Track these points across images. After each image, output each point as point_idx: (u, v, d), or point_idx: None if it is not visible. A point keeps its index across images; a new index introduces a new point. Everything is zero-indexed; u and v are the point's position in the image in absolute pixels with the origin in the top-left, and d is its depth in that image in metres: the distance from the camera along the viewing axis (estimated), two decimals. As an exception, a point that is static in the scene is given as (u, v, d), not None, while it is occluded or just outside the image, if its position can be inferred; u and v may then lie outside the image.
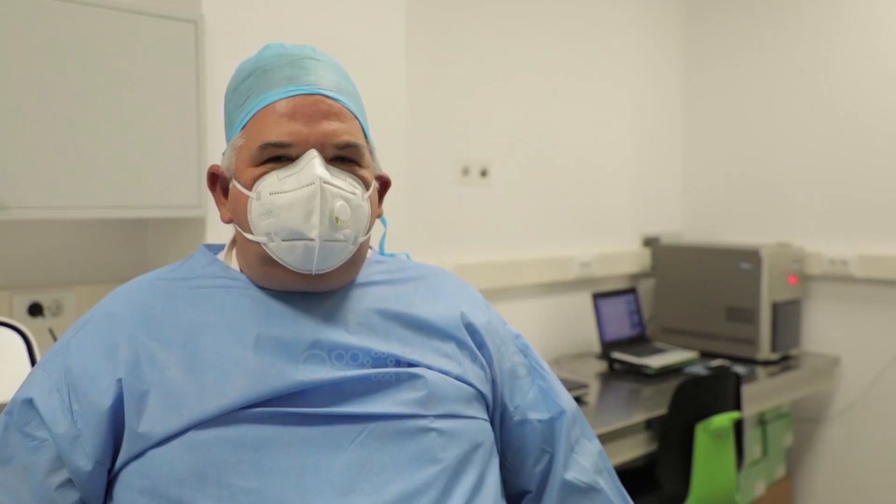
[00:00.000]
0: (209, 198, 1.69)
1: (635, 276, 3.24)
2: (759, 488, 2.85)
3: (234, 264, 0.94)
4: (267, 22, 1.74)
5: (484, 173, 2.66)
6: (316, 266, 0.86)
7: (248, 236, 0.87)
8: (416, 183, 2.36)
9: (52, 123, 1.48)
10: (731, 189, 3.26)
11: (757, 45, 3.15)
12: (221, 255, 0.97)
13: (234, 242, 0.97)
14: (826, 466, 3.00)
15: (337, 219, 0.86)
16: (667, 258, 3.11)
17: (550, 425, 0.98)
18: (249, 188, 0.87)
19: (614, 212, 3.15)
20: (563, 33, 2.88)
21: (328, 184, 0.85)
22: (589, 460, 0.99)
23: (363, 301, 0.91)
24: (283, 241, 0.85)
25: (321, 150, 0.87)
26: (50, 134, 1.47)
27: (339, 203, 0.86)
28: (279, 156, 0.86)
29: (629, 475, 2.44)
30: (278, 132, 0.86)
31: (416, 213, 2.34)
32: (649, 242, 3.25)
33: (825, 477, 3.01)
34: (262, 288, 0.89)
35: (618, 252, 3.12)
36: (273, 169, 0.86)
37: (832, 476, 2.99)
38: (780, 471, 3.00)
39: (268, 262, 0.87)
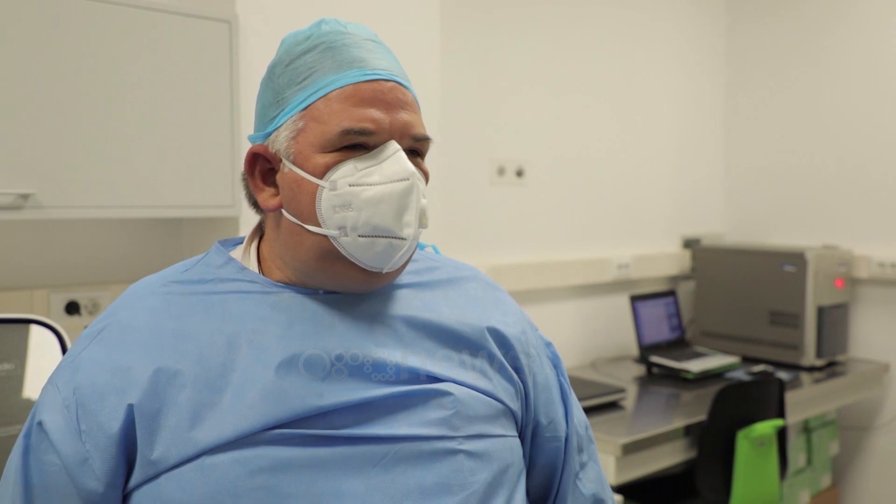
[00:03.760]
0: (242, 197, 1.69)
1: (674, 279, 3.18)
2: (804, 498, 2.77)
3: (252, 262, 0.88)
4: (301, 21, 1.73)
5: (520, 173, 2.62)
6: (392, 265, 0.81)
7: (313, 229, 0.80)
8: (450, 182, 2.34)
9: (88, 123, 1.49)
10: (775, 189, 3.17)
11: (801, 42, 3.06)
12: (238, 252, 0.90)
13: (255, 235, 0.91)
14: (873, 476, 2.91)
15: (424, 217, 0.82)
16: (707, 260, 3.04)
17: (569, 442, 0.95)
18: (319, 176, 0.79)
19: (653, 212, 3.09)
20: (603, 33, 2.84)
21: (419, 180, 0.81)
22: (596, 477, 0.98)
23: (390, 307, 0.86)
24: (362, 236, 0.78)
25: (399, 141, 0.81)
26: (85, 134, 1.48)
27: (424, 201, 0.82)
28: (357, 143, 0.79)
29: (667, 482, 2.39)
30: (359, 118, 0.79)
31: (450, 214, 2.32)
32: (689, 244, 3.18)
33: (872, 487, 2.91)
34: (282, 290, 0.83)
35: (657, 254, 3.06)
36: (348, 157, 0.79)
37: (880, 486, 2.89)
38: (825, 480, 2.91)
39: (331, 256, 0.80)
